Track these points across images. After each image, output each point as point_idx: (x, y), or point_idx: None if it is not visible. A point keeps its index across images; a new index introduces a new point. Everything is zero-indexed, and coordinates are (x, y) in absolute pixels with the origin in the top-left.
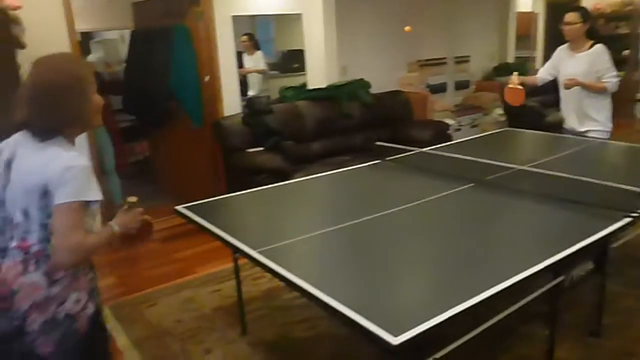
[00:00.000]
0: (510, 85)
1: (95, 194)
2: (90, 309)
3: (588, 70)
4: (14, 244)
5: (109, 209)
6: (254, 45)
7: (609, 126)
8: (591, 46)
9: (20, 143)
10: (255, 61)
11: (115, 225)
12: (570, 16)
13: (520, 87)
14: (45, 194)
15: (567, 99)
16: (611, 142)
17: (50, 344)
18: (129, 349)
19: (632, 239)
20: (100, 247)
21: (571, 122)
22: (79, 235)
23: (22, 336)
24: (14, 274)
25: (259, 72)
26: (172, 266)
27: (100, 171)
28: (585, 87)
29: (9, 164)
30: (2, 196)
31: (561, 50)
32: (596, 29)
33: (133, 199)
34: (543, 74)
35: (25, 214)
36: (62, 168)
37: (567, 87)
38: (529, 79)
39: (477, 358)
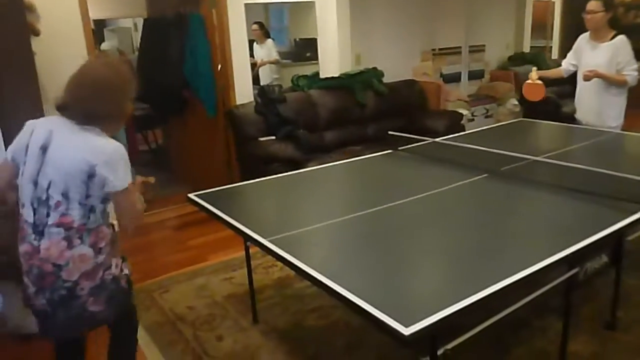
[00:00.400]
0: (529, 81)
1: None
2: (126, 270)
3: (609, 62)
4: (52, 221)
5: None
6: (265, 34)
7: (619, 121)
8: (613, 37)
9: (55, 129)
10: (266, 50)
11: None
12: (592, 4)
13: (539, 82)
14: (91, 176)
15: (584, 90)
16: (628, 134)
17: (100, 303)
18: (142, 335)
19: None
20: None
21: (584, 114)
22: (140, 207)
23: (71, 302)
24: (59, 250)
25: (271, 63)
26: (185, 254)
27: None
28: (605, 79)
29: (45, 149)
30: (35, 178)
31: (582, 39)
32: (618, 19)
33: (151, 179)
34: (566, 65)
35: (65, 194)
36: (111, 154)
37: (587, 78)
38: (551, 73)
39: (490, 350)
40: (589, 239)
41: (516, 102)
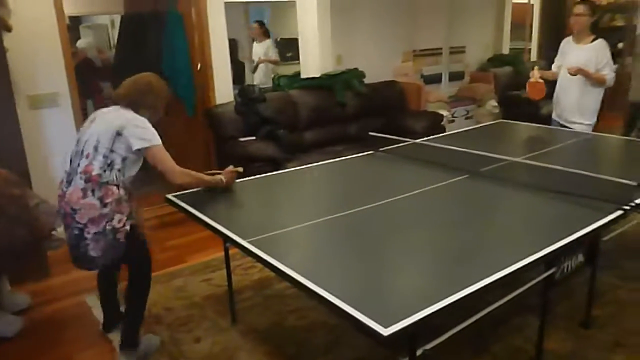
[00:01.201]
0: (531, 80)
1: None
2: (127, 226)
3: (589, 63)
4: (80, 169)
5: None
6: (264, 32)
7: (593, 120)
8: (593, 40)
9: (103, 111)
10: (265, 49)
11: (223, 179)
12: (580, 8)
13: (540, 80)
14: (119, 134)
15: (564, 87)
16: (604, 135)
17: (98, 250)
18: (117, 337)
19: (628, 231)
20: (202, 183)
21: (561, 111)
22: (173, 163)
23: (81, 241)
24: (76, 197)
25: (271, 62)
26: (163, 254)
27: None
28: (587, 75)
29: (93, 120)
30: (80, 137)
31: (565, 42)
32: (597, 23)
33: (240, 169)
34: (556, 68)
35: (95, 147)
36: (142, 122)
37: (571, 73)
38: (549, 73)
39: (469, 348)
40: (565, 239)
41: (495, 104)
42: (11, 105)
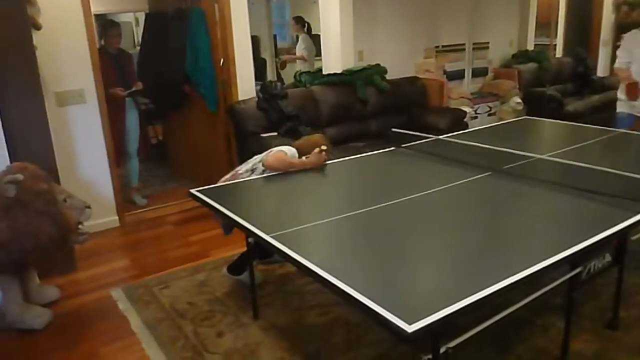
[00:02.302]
0: (627, 82)
1: None
2: None
3: None
4: None
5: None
6: (302, 28)
7: None
8: None
9: None
10: (301, 44)
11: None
12: None
13: (634, 79)
14: None
15: None
16: (633, 133)
17: None
18: (141, 331)
19: None
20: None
21: None
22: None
23: None
24: None
25: (297, 59)
26: (186, 249)
27: (124, 152)
28: None
29: None
30: None
31: (632, 35)
32: None
33: (324, 147)
34: (623, 64)
35: None
36: None
37: None
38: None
39: (491, 348)
40: (592, 238)
41: (519, 101)
42: (40, 101)
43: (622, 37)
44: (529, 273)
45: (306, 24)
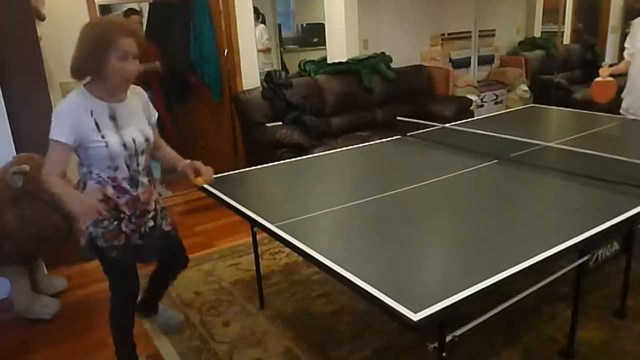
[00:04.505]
0: (598, 79)
1: (59, 134)
2: (86, 235)
3: None
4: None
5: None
6: (257, 18)
7: None
8: None
9: None
10: (257, 35)
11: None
12: None
13: (610, 79)
14: None
15: None
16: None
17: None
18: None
19: None
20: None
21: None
22: (46, 170)
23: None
24: None
25: (262, 51)
26: (192, 240)
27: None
28: None
29: None
30: None
31: (638, 23)
32: None
33: (200, 180)
34: (628, 56)
35: None
36: (56, 108)
37: None
38: (621, 67)
39: (498, 336)
40: (600, 226)
41: (526, 88)
42: (45, 92)
43: (631, 24)
44: (535, 261)
45: (261, 16)
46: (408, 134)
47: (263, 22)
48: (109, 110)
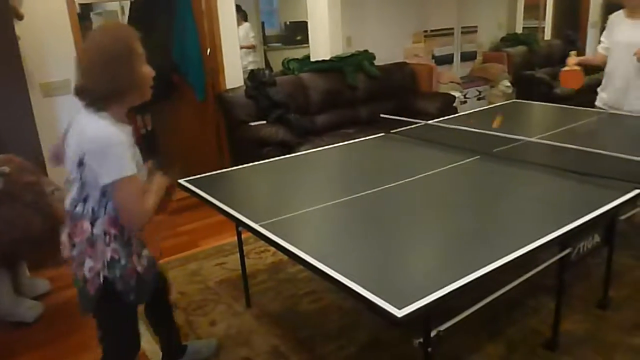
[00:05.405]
0: (566, 68)
1: (130, 169)
2: (100, 279)
3: None
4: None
5: None
6: (242, 16)
7: None
8: None
9: (75, 116)
10: (243, 33)
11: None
12: None
13: (577, 68)
14: (80, 164)
15: (623, 72)
16: (621, 114)
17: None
18: None
19: None
20: (155, 205)
21: (615, 99)
22: (145, 203)
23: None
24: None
25: (247, 47)
26: (177, 239)
27: None
28: None
29: (65, 135)
30: (64, 163)
31: (616, 17)
32: None
33: (149, 163)
34: (604, 50)
35: (68, 179)
36: (100, 143)
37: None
38: (589, 58)
39: (484, 330)
40: (581, 219)
41: (509, 84)
42: (24, 93)
43: (608, 19)
44: (518, 255)
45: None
46: (392, 131)
47: (246, 20)
48: (130, 137)
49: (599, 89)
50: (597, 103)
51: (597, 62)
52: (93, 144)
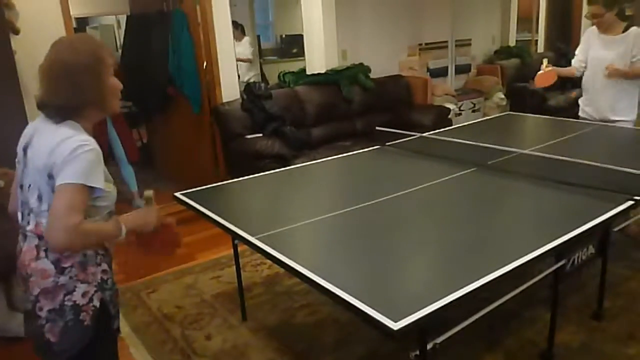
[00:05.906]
0: (540, 72)
1: (98, 181)
2: (96, 302)
3: (623, 55)
4: (29, 227)
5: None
6: (241, 32)
7: (633, 116)
8: (625, 29)
9: (37, 127)
10: (243, 48)
11: (124, 220)
12: (593, 9)
13: (550, 68)
14: (50, 176)
15: (599, 86)
16: (614, 126)
17: (55, 333)
18: (129, 335)
19: (638, 221)
20: (101, 237)
21: (598, 111)
22: (76, 218)
23: (35, 319)
24: (29, 258)
25: (243, 61)
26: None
27: (113, 160)
28: (627, 76)
29: (25, 149)
30: (21, 180)
31: (591, 34)
32: (624, 10)
33: (149, 193)
34: (577, 63)
35: (40, 197)
36: (70, 149)
37: (611, 77)
38: (564, 71)
39: (480, 342)
40: (575, 230)
41: (503, 96)
42: (20, 105)
43: (584, 33)
44: (513, 267)
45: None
46: (387, 144)
47: (244, 34)
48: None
49: (579, 101)
50: (580, 114)
51: (565, 73)
52: (66, 150)
